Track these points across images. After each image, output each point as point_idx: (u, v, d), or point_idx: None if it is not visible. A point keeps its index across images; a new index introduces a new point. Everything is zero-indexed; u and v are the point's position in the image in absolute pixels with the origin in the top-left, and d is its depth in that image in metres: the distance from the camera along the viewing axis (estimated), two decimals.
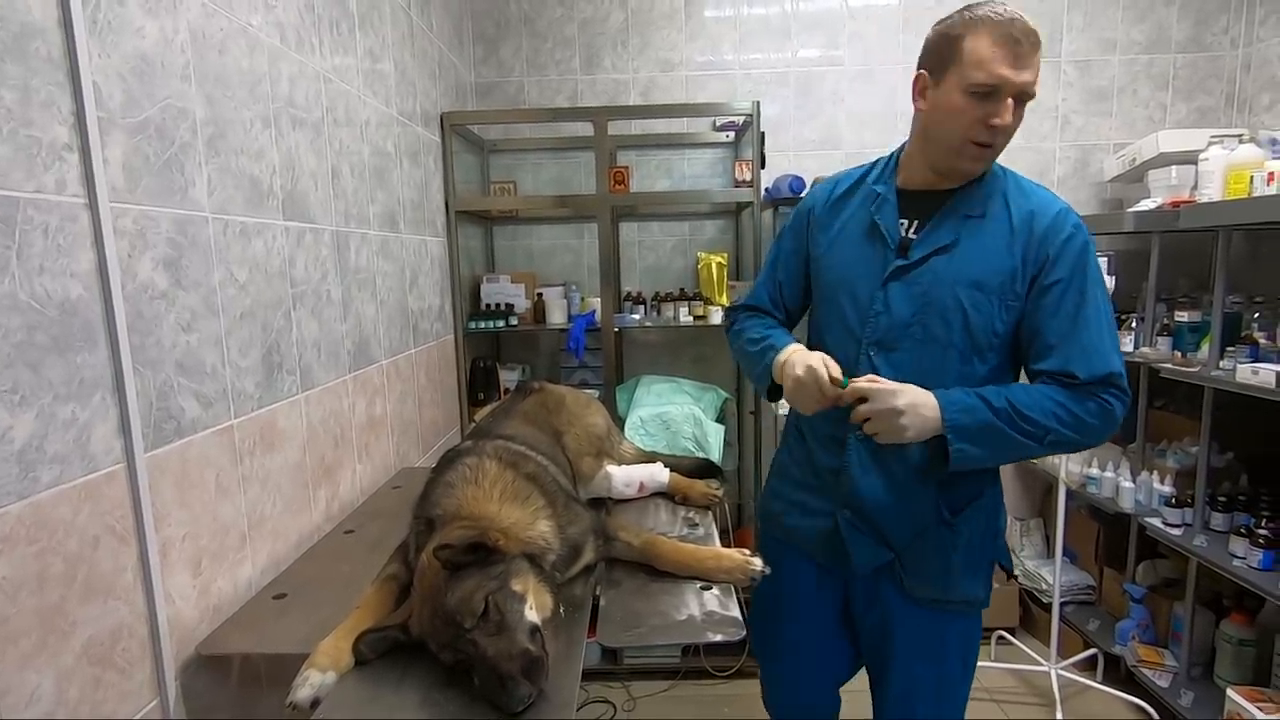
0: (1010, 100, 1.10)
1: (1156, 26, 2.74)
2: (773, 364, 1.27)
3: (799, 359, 1.20)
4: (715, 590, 1.13)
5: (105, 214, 0.85)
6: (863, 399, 1.14)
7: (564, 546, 1.11)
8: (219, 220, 1.10)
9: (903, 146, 1.31)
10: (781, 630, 1.45)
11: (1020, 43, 1.08)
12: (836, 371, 1.16)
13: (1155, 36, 2.74)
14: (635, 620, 1.06)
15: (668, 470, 1.60)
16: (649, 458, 1.76)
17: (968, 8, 1.13)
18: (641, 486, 1.57)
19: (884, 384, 1.13)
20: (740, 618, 1.03)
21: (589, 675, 2.60)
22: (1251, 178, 1.83)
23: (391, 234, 1.86)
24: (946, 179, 1.22)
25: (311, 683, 0.91)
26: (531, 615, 0.93)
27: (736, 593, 1.13)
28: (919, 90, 1.20)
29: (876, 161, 1.35)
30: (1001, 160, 1.22)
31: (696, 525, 1.41)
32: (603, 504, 1.54)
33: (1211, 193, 1.99)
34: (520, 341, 2.93)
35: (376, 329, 1.73)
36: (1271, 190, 1.77)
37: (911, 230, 1.25)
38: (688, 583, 1.16)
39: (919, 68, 1.20)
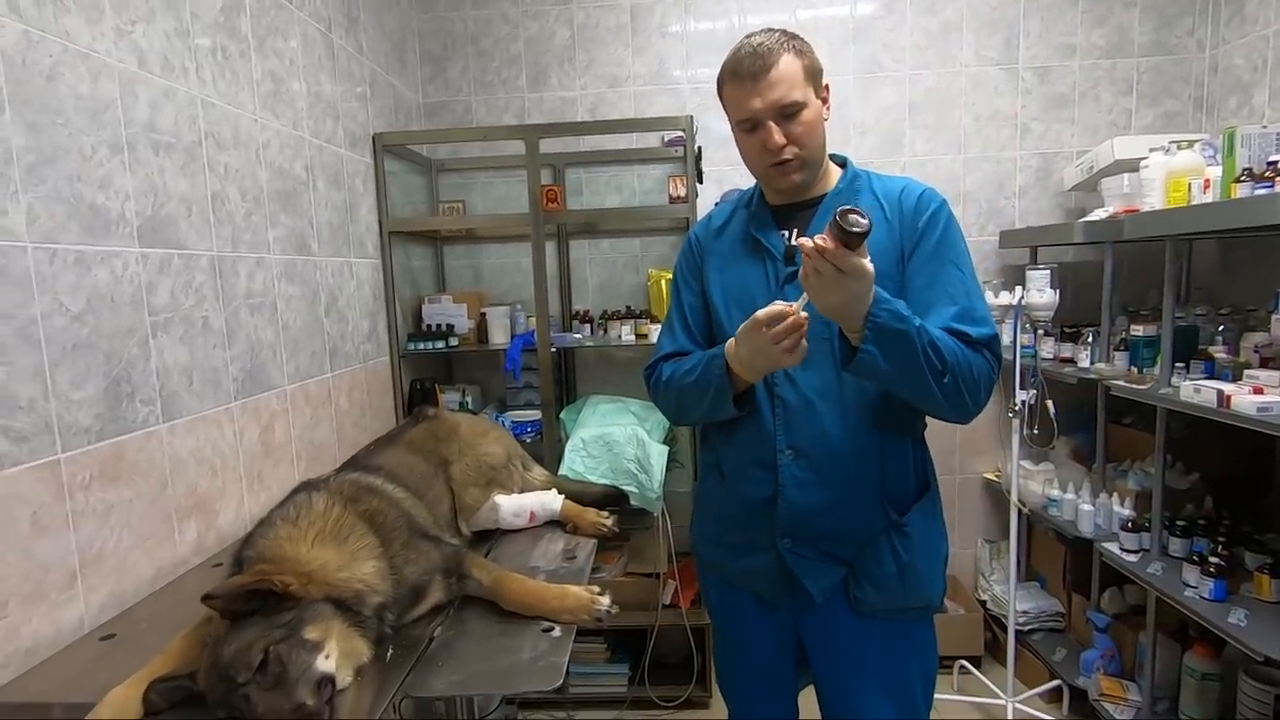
0: (772, 124, 1.14)
1: (1118, 30, 2.65)
2: (726, 359, 1.15)
3: (743, 328, 1.10)
4: (558, 631, 1.07)
5: None
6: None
7: (398, 588, 1.06)
8: (43, 250, 1.07)
9: None
10: (739, 674, 1.41)
11: (749, 70, 1.13)
12: (781, 306, 1.06)
13: (1117, 40, 2.65)
14: (460, 665, 0.99)
15: (560, 497, 1.55)
16: (559, 484, 1.71)
17: None
18: (532, 516, 1.52)
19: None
20: (562, 665, 0.96)
21: (533, 704, 2.53)
22: (1190, 185, 1.74)
23: (301, 257, 1.83)
24: (796, 192, 1.23)
25: None
26: (325, 665, 0.88)
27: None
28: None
29: (748, 189, 1.36)
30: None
31: (574, 558, 1.35)
32: (490, 537, 1.49)
33: (1153, 201, 1.90)
34: (470, 362, 2.89)
35: (276, 354, 1.70)
36: (1208, 198, 1.68)
37: (793, 239, 1.24)
38: (534, 623, 1.10)
39: None
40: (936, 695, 2.35)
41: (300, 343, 1.82)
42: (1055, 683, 2.36)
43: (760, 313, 1.06)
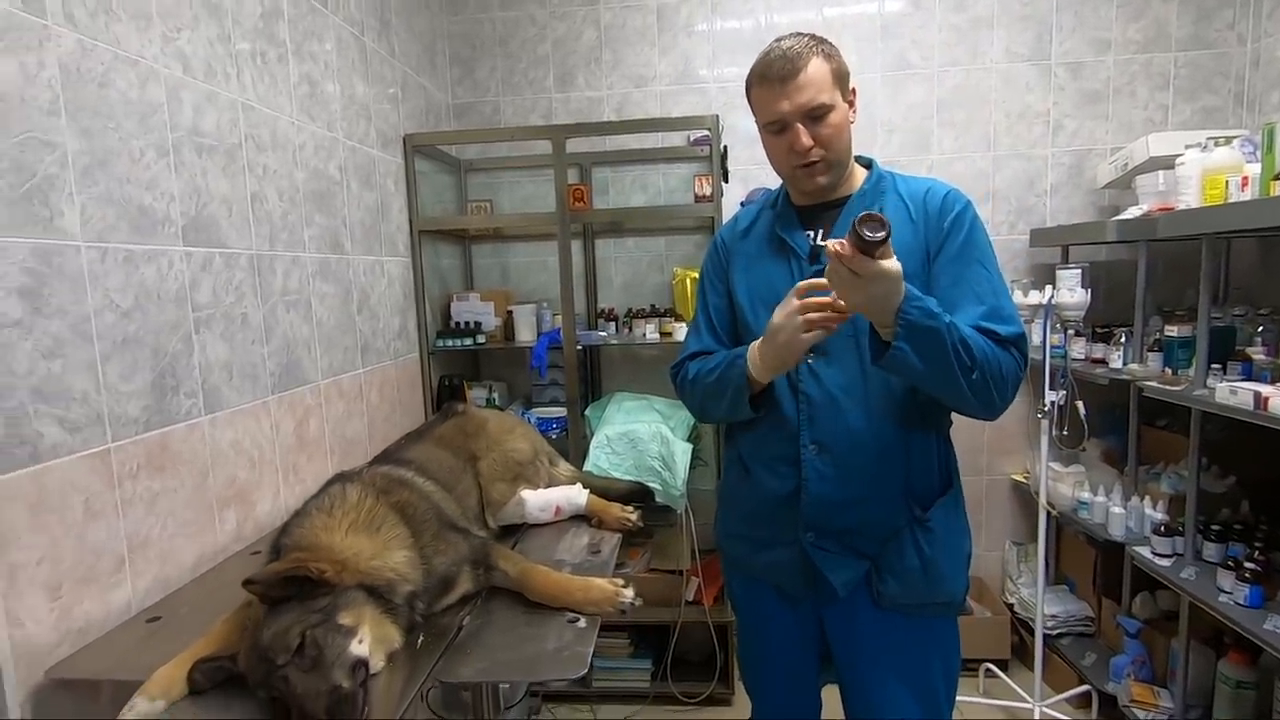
0: (800, 126, 1.16)
1: (1154, 24, 2.59)
2: (746, 360, 1.18)
3: (774, 319, 1.11)
4: (583, 622, 1.09)
5: None
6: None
7: (428, 577, 1.09)
8: (95, 249, 1.12)
9: None
10: (762, 667, 1.43)
11: (778, 74, 1.15)
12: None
13: (1153, 34, 2.60)
14: (488, 653, 1.02)
15: (586, 492, 1.57)
16: (586, 480, 1.73)
17: None
18: (558, 510, 1.55)
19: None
20: (587, 654, 0.99)
21: (557, 697, 2.57)
22: (1227, 182, 1.70)
23: (335, 256, 1.88)
24: (822, 193, 1.24)
25: (138, 710, 0.91)
26: (358, 649, 0.91)
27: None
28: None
29: (774, 191, 1.37)
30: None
31: (598, 552, 1.38)
32: (516, 530, 1.52)
33: (1189, 199, 1.86)
34: (497, 360, 2.93)
35: (311, 350, 1.75)
36: (1245, 196, 1.64)
37: (819, 238, 1.26)
38: (559, 614, 1.12)
39: None
40: (962, 698, 2.35)
41: (334, 339, 1.86)
42: (1084, 688, 2.33)
43: (801, 283, 1.09)
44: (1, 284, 0.97)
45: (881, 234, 0.95)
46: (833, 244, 0.99)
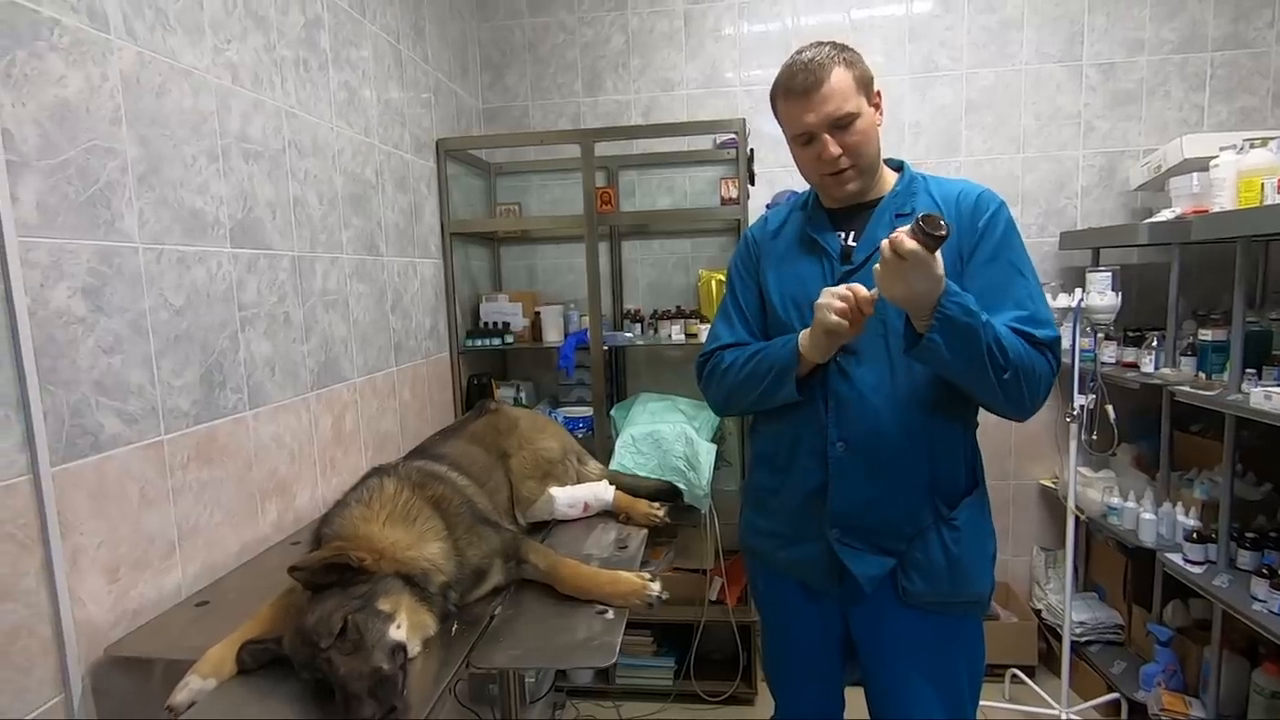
0: (827, 136, 1.18)
1: (1189, 24, 2.56)
2: (797, 344, 1.20)
3: (819, 311, 1.12)
4: (611, 614, 1.12)
5: (11, 248, 0.93)
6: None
7: (461, 569, 1.13)
8: (151, 250, 1.18)
9: None
10: (785, 663, 1.44)
11: (801, 86, 1.17)
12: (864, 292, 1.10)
13: (1188, 34, 2.56)
14: (519, 642, 1.06)
15: (612, 489, 1.61)
16: (614, 478, 1.76)
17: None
18: (586, 506, 1.58)
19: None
20: (615, 644, 1.02)
21: (581, 693, 2.60)
22: (1263, 185, 1.68)
23: (370, 257, 1.94)
24: (852, 197, 1.26)
25: (191, 688, 0.96)
26: (397, 634, 0.95)
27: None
28: None
29: (803, 193, 1.39)
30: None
31: (625, 547, 1.41)
32: (545, 525, 1.56)
33: (1224, 201, 1.84)
34: (524, 359, 2.98)
35: (348, 348, 1.81)
36: None
37: (850, 239, 1.28)
38: (588, 606, 1.15)
39: None
40: (987, 703, 2.34)
41: (369, 338, 1.92)
42: (1113, 695, 2.30)
43: (841, 288, 1.11)
44: (69, 284, 1.03)
45: (942, 232, 0.99)
46: (894, 235, 1.01)
